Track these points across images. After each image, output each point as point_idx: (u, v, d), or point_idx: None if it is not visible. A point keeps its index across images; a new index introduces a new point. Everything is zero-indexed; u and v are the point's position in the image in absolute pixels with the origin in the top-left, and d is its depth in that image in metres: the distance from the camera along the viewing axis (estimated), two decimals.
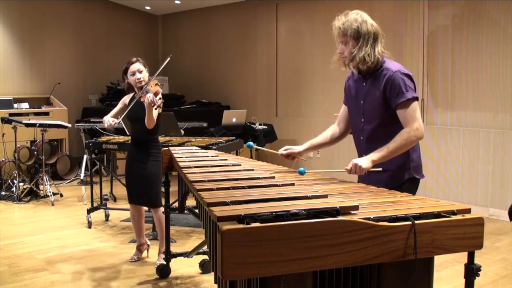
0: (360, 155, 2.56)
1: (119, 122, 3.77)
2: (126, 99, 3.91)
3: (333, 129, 2.76)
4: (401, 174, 2.47)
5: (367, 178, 2.44)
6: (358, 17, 2.42)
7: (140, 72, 3.73)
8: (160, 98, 3.57)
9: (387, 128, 2.43)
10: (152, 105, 3.51)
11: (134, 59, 3.80)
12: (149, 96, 3.50)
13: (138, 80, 3.72)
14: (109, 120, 3.73)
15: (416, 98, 2.40)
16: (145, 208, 4.11)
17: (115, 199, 5.99)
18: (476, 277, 1.72)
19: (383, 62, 2.45)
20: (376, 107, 2.45)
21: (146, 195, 3.79)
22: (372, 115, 2.48)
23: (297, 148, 2.68)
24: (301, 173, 2.38)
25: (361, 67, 2.44)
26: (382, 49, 2.44)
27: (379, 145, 2.38)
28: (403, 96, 2.36)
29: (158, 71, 3.83)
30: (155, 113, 3.63)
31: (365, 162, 2.32)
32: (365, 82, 2.50)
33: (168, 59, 3.85)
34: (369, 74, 2.47)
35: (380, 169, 2.36)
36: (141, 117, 3.69)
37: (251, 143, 2.84)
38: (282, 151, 2.70)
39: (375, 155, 2.34)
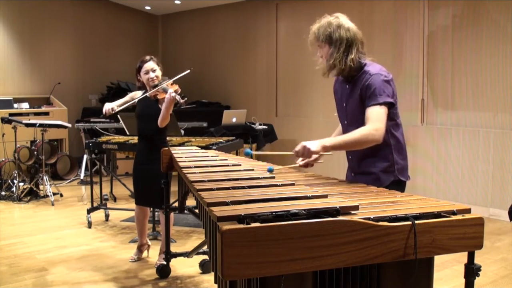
0: (347, 156, 2.58)
1: (116, 111, 3.74)
2: (136, 93, 3.89)
3: (339, 130, 2.76)
4: (386, 177, 2.44)
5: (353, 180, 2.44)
6: (333, 22, 2.39)
7: (154, 71, 3.72)
8: (183, 96, 3.56)
9: None
10: (176, 103, 3.51)
11: (148, 57, 3.76)
12: (172, 93, 3.50)
13: (151, 79, 3.70)
14: (109, 104, 3.72)
15: (389, 104, 2.34)
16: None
17: (115, 199, 5.99)
18: (476, 277, 1.71)
19: (364, 65, 2.42)
20: (356, 109, 2.44)
21: (155, 196, 3.72)
22: (354, 117, 2.47)
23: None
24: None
25: (336, 73, 2.41)
26: (356, 56, 2.38)
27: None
28: (375, 99, 2.33)
29: (174, 78, 3.76)
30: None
31: (315, 145, 2.25)
32: (348, 85, 2.49)
33: (188, 71, 3.78)
34: (350, 77, 2.46)
35: (331, 153, 2.30)
36: (151, 115, 3.68)
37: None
38: (299, 162, 2.54)
39: (327, 141, 2.29)
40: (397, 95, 2.44)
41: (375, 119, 2.29)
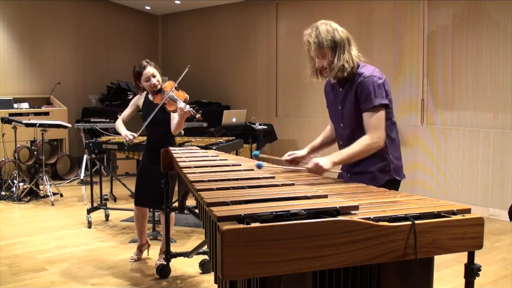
0: None
1: (137, 136, 3.81)
2: (138, 100, 3.90)
3: (329, 130, 2.80)
4: (381, 176, 2.47)
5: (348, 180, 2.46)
6: (328, 27, 2.41)
7: (154, 76, 3.72)
8: (197, 110, 3.58)
9: (363, 133, 2.43)
10: (191, 117, 3.55)
11: (145, 62, 3.74)
12: (185, 107, 3.52)
13: (153, 85, 3.72)
14: (127, 135, 3.78)
15: (385, 106, 2.39)
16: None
17: (115, 199, 5.99)
18: (476, 277, 1.72)
19: (358, 66, 2.44)
20: (352, 112, 2.46)
21: (158, 197, 3.70)
22: (350, 120, 2.49)
23: (300, 153, 2.70)
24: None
25: (341, 75, 2.41)
26: (357, 52, 2.44)
27: None
28: (370, 102, 2.36)
29: (178, 81, 3.76)
30: None
31: (326, 162, 2.35)
32: (342, 88, 2.50)
33: (187, 69, 3.79)
34: (345, 80, 2.46)
35: (340, 171, 2.42)
36: (159, 122, 3.70)
37: (256, 152, 2.83)
38: (286, 157, 2.70)
39: (335, 157, 2.38)
40: (391, 95, 2.47)
41: (375, 126, 2.36)
